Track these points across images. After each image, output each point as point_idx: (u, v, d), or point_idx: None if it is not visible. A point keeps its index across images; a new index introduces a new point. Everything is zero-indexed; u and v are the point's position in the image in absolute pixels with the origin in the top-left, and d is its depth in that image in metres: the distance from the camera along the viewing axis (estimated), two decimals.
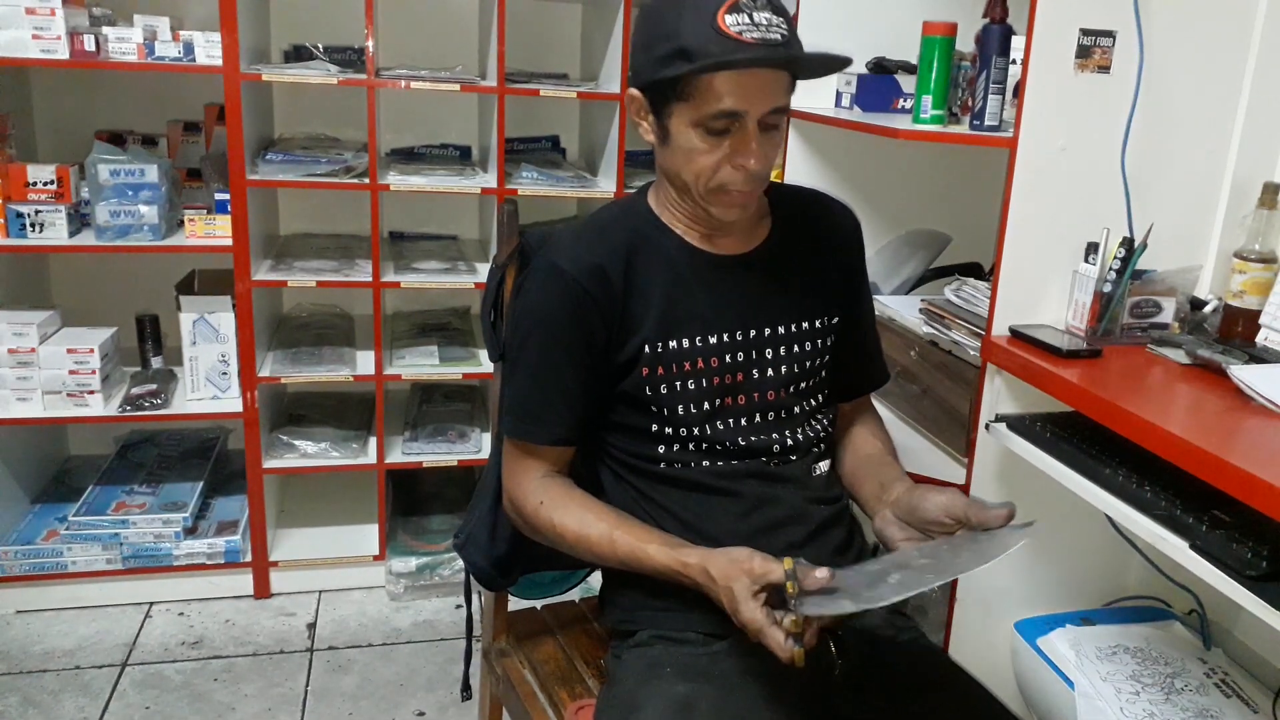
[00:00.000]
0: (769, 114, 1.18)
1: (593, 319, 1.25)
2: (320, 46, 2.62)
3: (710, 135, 1.18)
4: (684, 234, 1.30)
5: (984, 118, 1.67)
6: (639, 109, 1.24)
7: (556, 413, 1.28)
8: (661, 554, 1.19)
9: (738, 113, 1.16)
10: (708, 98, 1.15)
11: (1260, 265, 1.50)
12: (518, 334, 1.30)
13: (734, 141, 1.18)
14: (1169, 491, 1.27)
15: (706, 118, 1.17)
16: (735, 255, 1.31)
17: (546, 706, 1.42)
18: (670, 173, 1.25)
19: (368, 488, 2.65)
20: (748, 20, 1.13)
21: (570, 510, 1.26)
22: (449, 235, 2.96)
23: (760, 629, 1.07)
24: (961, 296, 1.79)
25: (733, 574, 1.11)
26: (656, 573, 1.20)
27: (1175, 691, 1.58)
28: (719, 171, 1.20)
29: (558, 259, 1.26)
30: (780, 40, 1.14)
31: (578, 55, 2.91)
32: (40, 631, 2.38)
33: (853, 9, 2.08)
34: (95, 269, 2.63)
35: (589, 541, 1.24)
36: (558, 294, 1.25)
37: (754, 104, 1.16)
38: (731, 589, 1.10)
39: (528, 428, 1.29)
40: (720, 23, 1.12)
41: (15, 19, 2.12)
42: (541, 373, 1.27)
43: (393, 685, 2.27)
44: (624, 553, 1.22)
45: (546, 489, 1.29)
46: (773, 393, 1.31)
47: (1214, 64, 1.57)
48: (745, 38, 1.12)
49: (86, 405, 2.35)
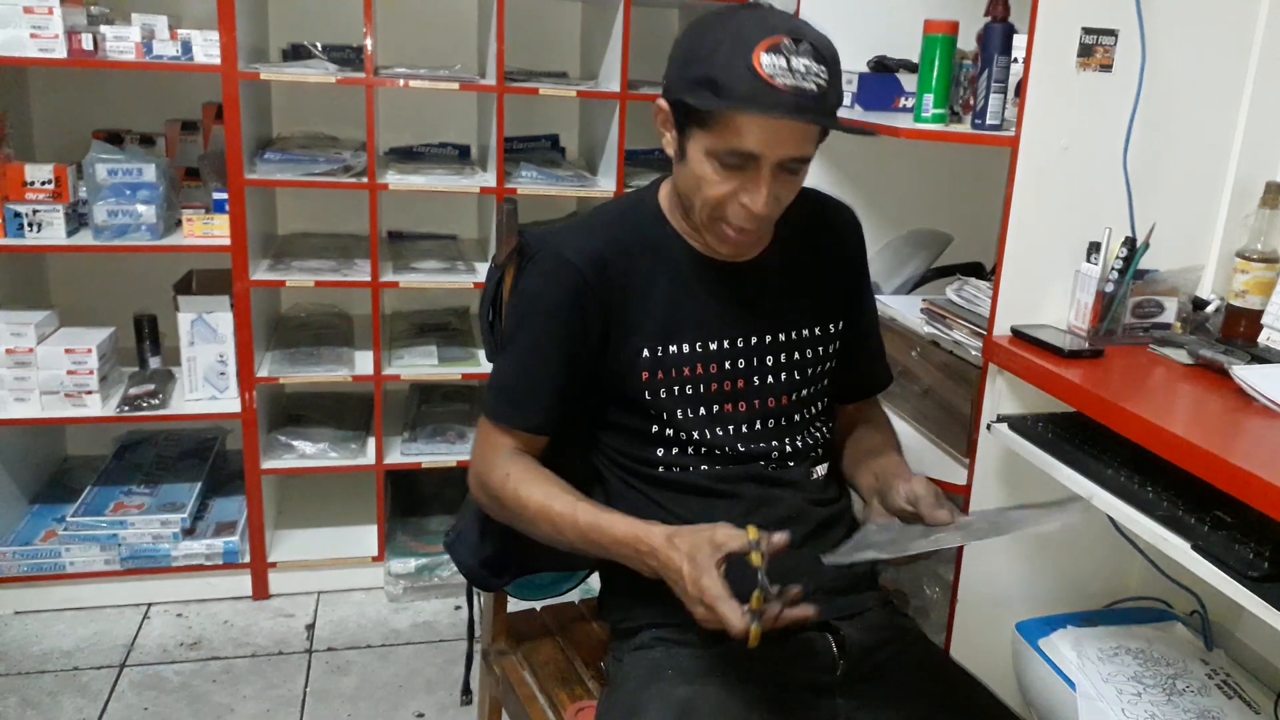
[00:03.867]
0: (788, 161, 1.16)
1: (591, 310, 1.24)
2: (318, 45, 2.61)
3: (724, 168, 1.16)
4: (690, 238, 1.29)
5: (985, 117, 1.67)
6: (664, 120, 1.22)
7: (538, 401, 1.27)
8: (623, 523, 1.17)
9: (754, 154, 1.14)
10: (727, 133, 1.13)
11: (1262, 265, 1.49)
12: (513, 317, 1.30)
13: (745, 180, 1.16)
14: (1171, 492, 1.26)
15: (722, 152, 1.15)
16: (739, 261, 1.30)
17: (546, 708, 1.41)
18: (682, 189, 1.24)
19: (366, 488, 2.64)
20: (784, 65, 1.10)
21: (537, 484, 1.24)
22: (448, 235, 2.96)
23: (717, 598, 1.04)
24: (963, 296, 1.78)
25: (697, 542, 1.09)
26: (616, 544, 1.17)
27: (1177, 693, 1.58)
28: (725, 205, 1.19)
29: (562, 247, 1.26)
30: (815, 90, 1.11)
31: (577, 54, 2.90)
32: (38, 632, 2.38)
33: (854, 7, 2.07)
34: (93, 269, 2.62)
35: (550, 512, 1.21)
36: (559, 282, 1.24)
37: (772, 150, 1.14)
38: (695, 557, 1.08)
39: (506, 410, 1.29)
40: (755, 61, 1.09)
41: (13, 18, 2.11)
42: (530, 359, 1.27)
43: (392, 686, 2.26)
44: (585, 524, 1.19)
45: (514, 462, 1.27)
46: (773, 400, 1.31)
47: (1216, 63, 1.57)
48: (777, 82, 1.09)
49: (84, 405, 2.35)
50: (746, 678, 1.21)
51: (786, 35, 1.11)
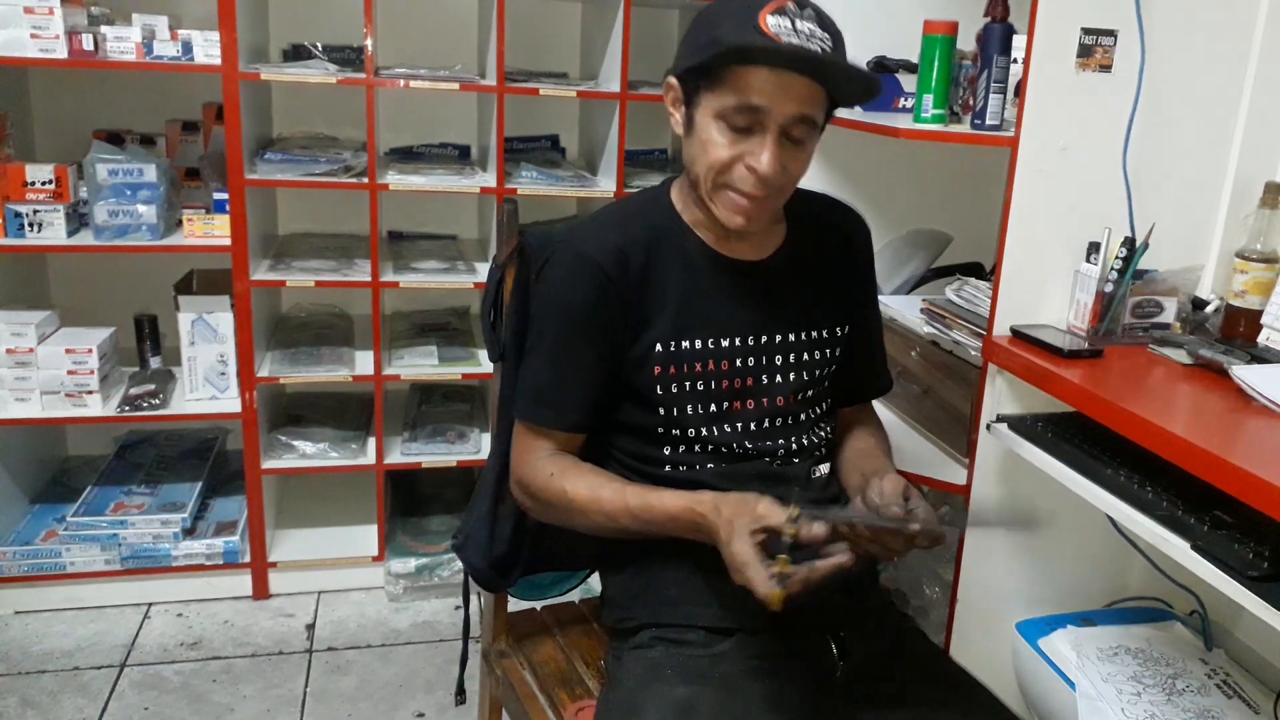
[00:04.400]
0: (794, 122, 1.16)
1: (614, 305, 1.25)
2: (319, 45, 2.61)
3: (731, 130, 1.17)
4: (703, 234, 1.30)
5: (985, 117, 1.67)
6: (674, 98, 1.25)
7: (572, 399, 1.28)
8: (672, 498, 1.21)
9: (760, 108, 1.15)
10: (734, 88, 1.15)
11: (1262, 265, 1.50)
12: (538, 318, 1.30)
13: (753, 142, 1.18)
14: (1170, 492, 1.26)
15: (730, 109, 1.16)
16: (751, 260, 1.31)
17: (546, 708, 1.41)
18: (688, 164, 1.25)
19: (367, 488, 2.65)
20: (789, 25, 1.13)
21: (582, 476, 1.27)
22: (448, 235, 2.96)
23: (746, 562, 1.08)
24: (963, 296, 1.78)
25: (740, 510, 1.13)
26: (670, 520, 1.20)
27: (1176, 692, 1.58)
28: (731, 168, 1.19)
29: (582, 246, 1.26)
30: (819, 53, 1.13)
31: (577, 54, 2.91)
32: (39, 632, 2.38)
33: (854, 7, 2.07)
34: (93, 269, 2.62)
35: (600, 502, 1.24)
36: (583, 280, 1.25)
37: (778, 104, 1.15)
38: (734, 522, 1.12)
39: (542, 412, 1.29)
40: (761, 21, 1.12)
41: (13, 18, 2.11)
42: (560, 358, 1.28)
43: (392, 686, 2.26)
44: (636, 506, 1.22)
45: (556, 461, 1.29)
46: (781, 399, 1.31)
47: (1215, 63, 1.57)
48: (782, 39, 1.12)
49: (85, 405, 2.35)
50: (746, 678, 1.21)
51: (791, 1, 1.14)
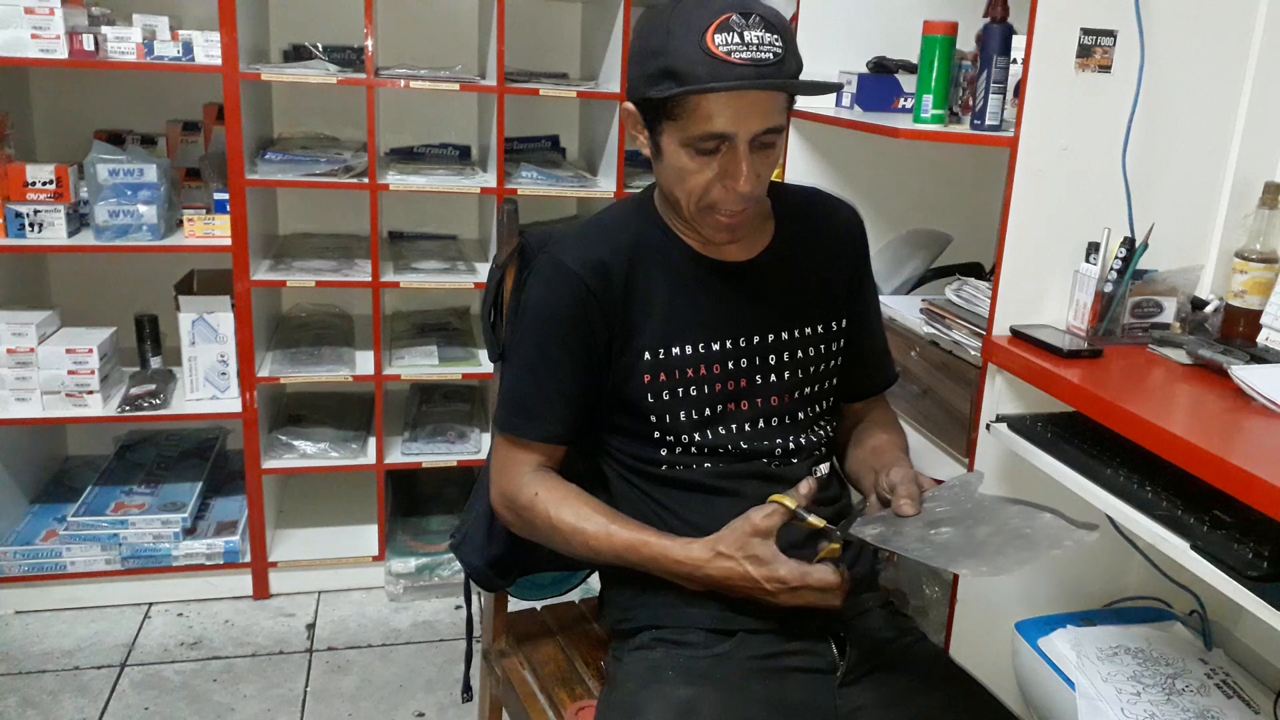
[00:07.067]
0: (761, 134, 1.16)
1: (595, 317, 1.24)
2: (319, 46, 2.62)
3: (700, 155, 1.16)
4: (689, 240, 1.29)
5: (985, 117, 1.67)
6: (634, 123, 1.23)
7: (552, 409, 1.27)
8: (658, 544, 1.20)
9: (726, 135, 1.14)
10: (696, 119, 1.13)
11: (1261, 265, 1.49)
12: (518, 328, 1.29)
13: (724, 161, 1.16)
14: (1170, 492, 1.26)
15: (695, 139, 1.15)
16: (740, 261, 1.30)
17: (546, 708, 1.41)
18: (665, 187, 1.25)
19: (367, 488, 2.65)
20: (738, 40, 1.10)
21: (567, 503, 1.25)
22: (448, 235, 2.96)
23: (804, 574, 1.10)
24: (962, 296, 1.78)
25: (743, 541, 1.12)
26: (653, 562, 1.20)
27: (1176, 692, 1.58)
28: (709, 191, 1.19)
29: (562, 256, 1.25)
30: (772, 60, 1.11)
31: (577, 54, 2.91)
32: (39, 632, 2.38)
33: (854, 8, 2.07)
34: (94, 269, 2.63)
35: (585, 535, 1.23)
36: (561, 290, 1.24)
37: (743, 125, 1.14)
38: (755, 555, 1.12)
39: (520, 423, 1.28)
40: (709, 42, 1.10)
41: (14, 18, 2.11)
42: (539, 368, 1.26)
43: (392, 686, 2.26)
44: (622, 545, 1.21)
45: (541, 481, 1.28)
46: (776, 398, 1.31)
47: (1215, 63, 1.57)
48: (734, 58, 1.10)
49: (85, 405, 2.35)
50: (746, 678, 1.20)
51: (734, 11, 1.11)
